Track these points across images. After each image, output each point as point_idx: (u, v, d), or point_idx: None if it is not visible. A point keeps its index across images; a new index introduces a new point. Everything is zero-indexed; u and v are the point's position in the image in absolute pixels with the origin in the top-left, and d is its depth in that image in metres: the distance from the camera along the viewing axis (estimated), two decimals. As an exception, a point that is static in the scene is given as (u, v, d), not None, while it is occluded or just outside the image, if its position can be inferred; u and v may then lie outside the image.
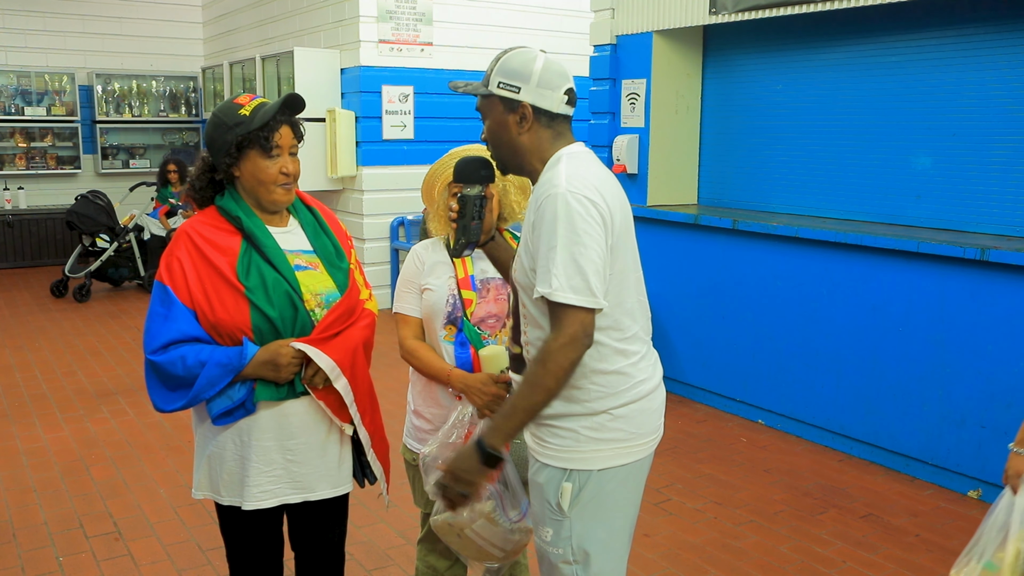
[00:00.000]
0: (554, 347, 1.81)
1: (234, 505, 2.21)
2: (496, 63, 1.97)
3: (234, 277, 2.07)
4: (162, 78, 10.90)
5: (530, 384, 1.85)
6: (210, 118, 2.15)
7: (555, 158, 1.95)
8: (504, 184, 2.40)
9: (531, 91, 1.93)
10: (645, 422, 1.99)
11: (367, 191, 7.89)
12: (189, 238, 2.11)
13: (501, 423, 1.88)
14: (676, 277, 5.54)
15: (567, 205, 1.81)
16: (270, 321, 2.08)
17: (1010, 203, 4.34)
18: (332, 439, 2.25)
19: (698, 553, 3.55)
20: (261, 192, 2.13)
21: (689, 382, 5.55)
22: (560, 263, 1.79)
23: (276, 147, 2.10)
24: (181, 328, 2.06)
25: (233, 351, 2.06)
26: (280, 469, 2.18)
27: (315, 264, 2.21)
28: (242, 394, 2.09)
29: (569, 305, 1.79)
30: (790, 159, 5.36)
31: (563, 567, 1.98)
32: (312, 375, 2.12)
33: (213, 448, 2.20)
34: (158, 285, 2.11)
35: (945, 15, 4.50)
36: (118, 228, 8.60)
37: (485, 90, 1.98)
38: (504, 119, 1.96)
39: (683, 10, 5.39)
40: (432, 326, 2.45)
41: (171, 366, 2.05)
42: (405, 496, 3.82)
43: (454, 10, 8.10)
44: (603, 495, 1.95)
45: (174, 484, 4.20)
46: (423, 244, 2.56)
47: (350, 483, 2.33)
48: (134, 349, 6.70)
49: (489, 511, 2.28)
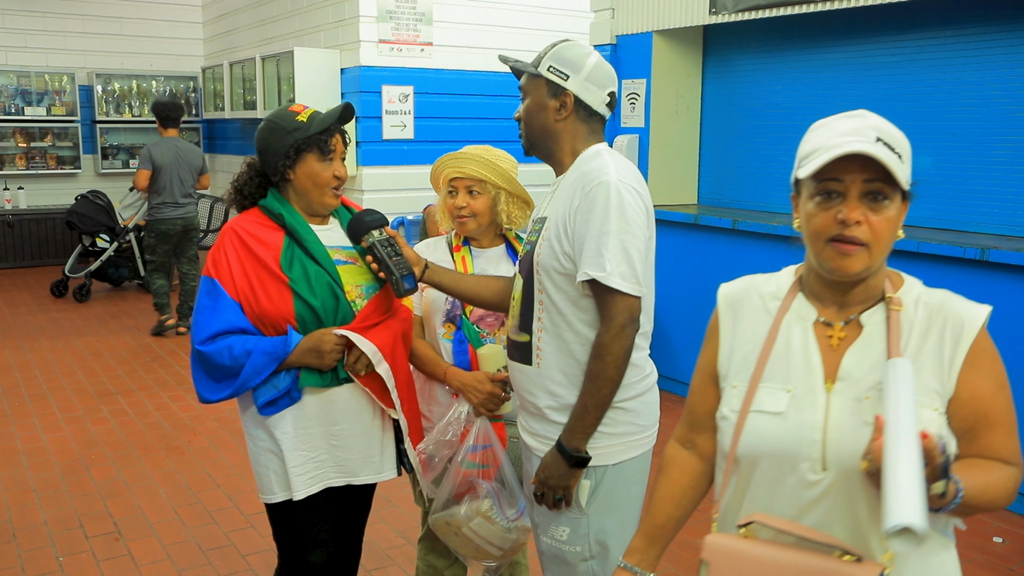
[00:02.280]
0: (607, 339, 1.87)
1: (286, 500, 2.23)
2: (551, 48, 2.02)
3: (278, 268, 2.14)
4: (162, 78, 10.90)
5: (594, 380, 1.89)
6: (264, 124, 2.23)
7: (594, 151, 2.00)
8: (496, 192, 2.40)
9: (578, 82, 1.98)
10: (650, 414, 2.05)
11: (367, 191, 7.90)
12: (235, 234, 2.19)
13: (575, 424, 1.93)
14: (676, 277, 5.54)
15: (619, 194, 1.87)
16: (313, 310, 2.14)
17: (1010, 203, 4.34)
18: (375, 425, 2.28)
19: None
20: (314, 195, 2.22)
21: (689, 382, 5.54)
22: (612, 248, 1.85)
23: (332, 151, 2.21)
24: (228, 319, 2.12)
25: (278, 340, 2.12)
26: (324, 454, 2.22)
27: (354, 259, 2.28)
28: (287, 383, 2.14)
29: (618, 292, 1.85)
30: (790, 159, 5.27)
31: (580, 564, 2.01)
32: (354, 361, 2.17)
33: (262, 445, 2.23)
34: (205, 279, 2.18)
35: (945, 15, 4.50)
36: (118, 228, 8.61)
37: (534, 70, 2.02)
38: (545, 102, 2.01)
39: (683, 10, 5.39)
40: (431, 324, 2.46)
41: (218, 356, 2.11)
42: (405, 496, 3.82)
43: (454, 10, 8.10)
44: (618, 488, 2.00)
45: (174, 484, 4.20)
46: (424, 243, 2.58)
47: (393, 470, 2.35)
48: (134, 349, 6.70)
49: (486, 510, 2.28)
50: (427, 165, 2.63)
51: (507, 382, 2.32)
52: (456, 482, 2.33)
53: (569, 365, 1.96)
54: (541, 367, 1.99)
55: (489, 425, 2.34)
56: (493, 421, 2.36)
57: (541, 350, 1.99)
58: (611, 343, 1.87)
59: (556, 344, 1.97)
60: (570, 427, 1.93)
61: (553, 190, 2.07)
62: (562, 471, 1.94)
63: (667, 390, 5.70)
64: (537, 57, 2.04)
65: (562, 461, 1.93)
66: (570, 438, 1.92)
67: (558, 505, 1.98)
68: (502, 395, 2.32)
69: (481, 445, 2.32)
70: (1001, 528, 3.78)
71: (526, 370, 2.04)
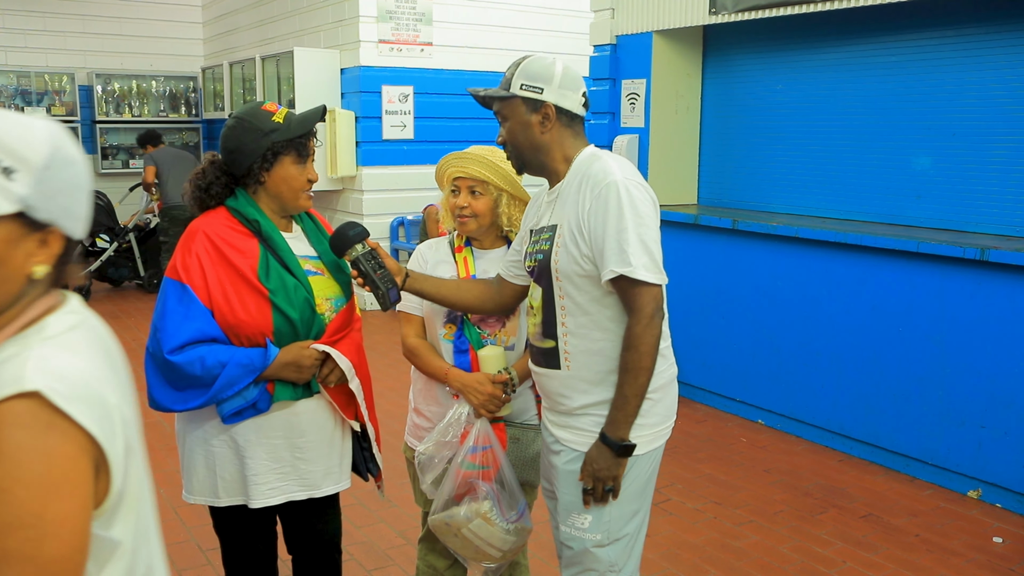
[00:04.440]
0: (638, 330, 1.93)
1: (235, 505, 2.22)
2: (516, 68, 2.05)
3: (256, 279, 2.09)
4: (162, 78, 10.90)
5: (630, 371, 1.95)
6: (234, 123, 2.15)
7: (589, 154, 2.06)
8: (498, 194, 2.40)
9: (554, 92, 2.03)
10: (671, 405, 2.13)
11: (367, 191, 7.90)
12: (208, 239, 2.11)
13: (618, 415, 1.98)
14: (676, 277, 5.50)
15: (628, 191, 1.94)
16: (291, 324, 2.12)
17: (1010, 203, 4.34)
18: (336, 436, 2.29)
19: (698, 553, 3.55)
20: (289, 197, 2.18)
21: (689, 382, 5.54)
22: (632, 243, 1.90)
23: (309, 154, 2.19)
24: (199, 327, 2.05)
25: (254, 352, 2.08)
26: (288, 467, 2.21)
27: (322, 270, 2.26)
28: (255, 394, 2.11)
29: (644, 283, 1.91)
30: (790, 159, 5.36)
31: (597, 551, 2.07)
32: (327, 374, 2.17)
33: (209, 450, 2.20)
34: (174, 283, 2.08)
35: (945, 15, 4.50)
36: (118, 228, 8.61)
37: (507, 93, 2.05)
38: (527, 119, 2.05)
39: (683, 10, 5.39)
40: (433, 325, 2.45)
41: (189, 366, 2.03)
42: (405, 496, 3.82)
43: (454, 10, 8.10)
44: (641, 477, 2.07)
45: (174, 484, 4.19)
46: (427, 243, 2.57)
47: (349, 478, 2.38)
48: (134, 349, 6.70)
49: (486, 511, 2.28)
50: (427, 165, 2.64)
51: (508, 384, 2.33)
52: (456, 483, 2.33)
53: (599, 363, 2.02)
54: (572, 369, 2.05)
55: (489, 426, 2.34)
56: (493, 423, 2.36)
57: (570, 353, 2.04)
58: (643, 333, 1.92)
59: (584, 345, 2.03)
60: (612, 418, 1.99)
61: (553, 198, 2.09)
62: (610, 462, 1.99)
63: (667, 390, 5.71)
64: (504, 81, 2.07)
65: (608, 452, 1.99)
66: (615, 429, 1.98)
67: (605, 497, 2.03)
68: (503, 397, 2.33)
69: (481, 446, 2.31)
70: (1001, 528, 3.78)
71: (556, 375, 2.08)
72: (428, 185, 7.41)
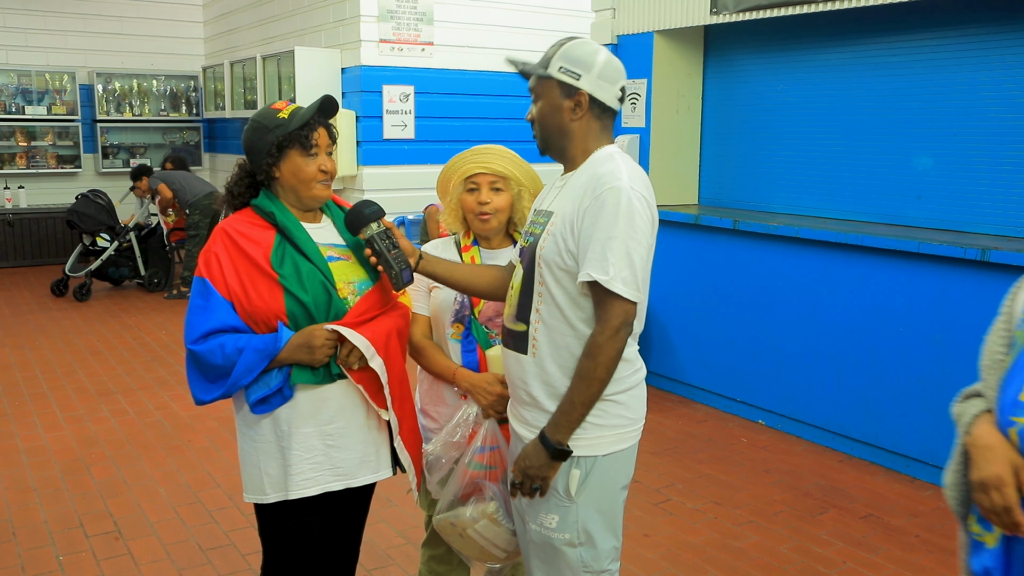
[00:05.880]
0: (601, 340, 1.90)
1: (279, 500, 2.21)
2: (559, 48, 2.02)
3: (268, 265, 2.13)
4: (163, 77, 10.90)
5: (583, 378, 1.93)
6: (248, 124, 2.23)
7: (607, 153, 2.02)
8: (519, 190, 2.39)
9: (591, 81, 1.98)
10: (639, 408, 2.09)
11: (367, 191, 7.89)
12: (226, 234, 2.19)
13: (561, 419, 1.96)
14: (676, 277, 5.54)
15: (629, 201, 1.89)
16: (304, 306, 2.13)
17: (1010, 203, 4.34)
18: (371, 423, 2.27)
19: (698, 553, 3.55)
20: (301, 189, 2.21)
21: (689, 382, 5.54)
22: (617, 253, 1.87)
23: (315, 146, 2.20)
24: (220, 318, 2.12)
25: (269, 337, 2.11)
26: (321, 455, 2.20)
27: (347, 256, 2.27)
28: (279, 380, 2.13)
29: (617, 296, 1.88)
30: (790, 159, 5.36)
31: (568, 550, 2.05)
32: (347, 355, 2.15)
33: (255, 446, 2.22)
34: (197, 279, 2.17)
35: (945, 15, 4.50)
36: (118, 227, 8.61)
37: (544, 71, 2.01)
38: (559, 103, 2.01)
39: (684, 10, 5.39)
40: (440, 324, 2.44)
41: (210, 355, 2.11)
42: (406, 496, 3.82)
43: (455, 10, 8.10)
44: (606, 478, 2.04)
45: (174, 483, 4.20)
46: (432, 243, 2.56)
47: (389, 468, 2.34)
48: (134, 348, 6.70)
49: (492, 512, 2.27)
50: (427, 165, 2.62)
51: None
52: (462, 483, 2.31)
53: (564, 358, 1.99)
54: (537, 356, 2.02)
55: (497, 427, 2.32)
56: (501, 423, 2.34)
57: (537, 340, 2.02)
58: (604, 344, 1.90)
59: (553, 337, 2.00)
60: (555, 421, 1.97)
61: (561, 185, 2.07)
62: (542, 462, 1.98)
63: (667, 390, 5.71)
64: (545, 58, 2.03)
65: (543, 452, 1.97)
66: (554, 431, 1.96)
67: (533, 495, 2.02)
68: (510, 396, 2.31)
69: (489, 447, 2.30)
70: (1001, 529, 3.78)
71: (521, 359, 2.06)
72: (429, 185, 7.40)
